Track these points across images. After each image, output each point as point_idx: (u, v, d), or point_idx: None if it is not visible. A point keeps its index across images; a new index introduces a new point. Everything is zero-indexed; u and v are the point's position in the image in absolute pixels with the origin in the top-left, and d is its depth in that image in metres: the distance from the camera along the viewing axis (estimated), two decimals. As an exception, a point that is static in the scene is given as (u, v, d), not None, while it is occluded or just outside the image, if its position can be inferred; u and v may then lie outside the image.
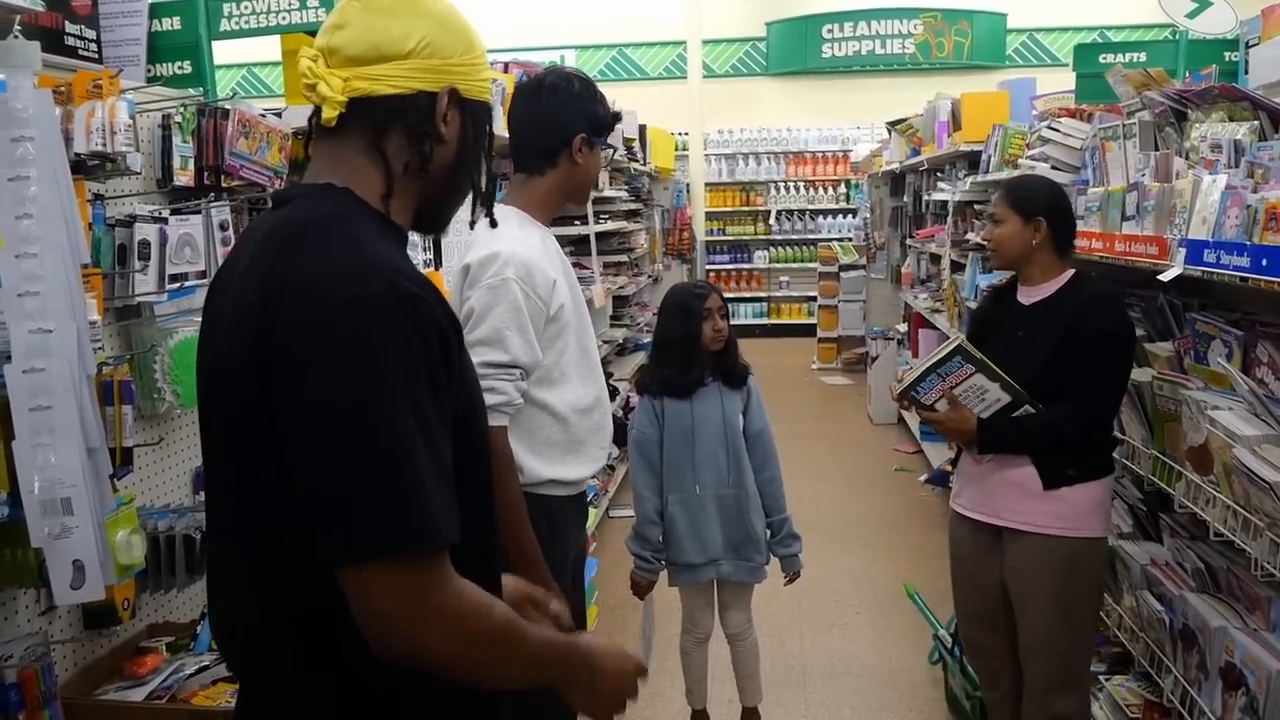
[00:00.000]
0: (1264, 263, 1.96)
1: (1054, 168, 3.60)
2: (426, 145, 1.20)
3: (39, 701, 1.76)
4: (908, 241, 7.48)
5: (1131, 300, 3.06)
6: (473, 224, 1.44)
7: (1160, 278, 2.43)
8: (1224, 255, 2.15)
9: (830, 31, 11.65)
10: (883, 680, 3.68)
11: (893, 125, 7.32)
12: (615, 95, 9.56)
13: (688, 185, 10.67)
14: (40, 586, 1.71)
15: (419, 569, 1.05)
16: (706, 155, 12.09)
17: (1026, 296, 2.68)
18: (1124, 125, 2.98)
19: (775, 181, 12.27)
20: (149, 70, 2.45)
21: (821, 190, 12.24)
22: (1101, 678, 3.03)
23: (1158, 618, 2.67)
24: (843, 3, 11.64)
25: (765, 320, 12.41)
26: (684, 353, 2.99)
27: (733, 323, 3.13)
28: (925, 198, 6.60)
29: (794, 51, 11.92)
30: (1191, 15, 3.26)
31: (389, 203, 1.20)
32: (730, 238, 12.46)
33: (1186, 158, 2.63)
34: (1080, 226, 3.11)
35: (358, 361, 1.03)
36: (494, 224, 1.49)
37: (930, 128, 5.96)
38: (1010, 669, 2.78)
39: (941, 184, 5.69)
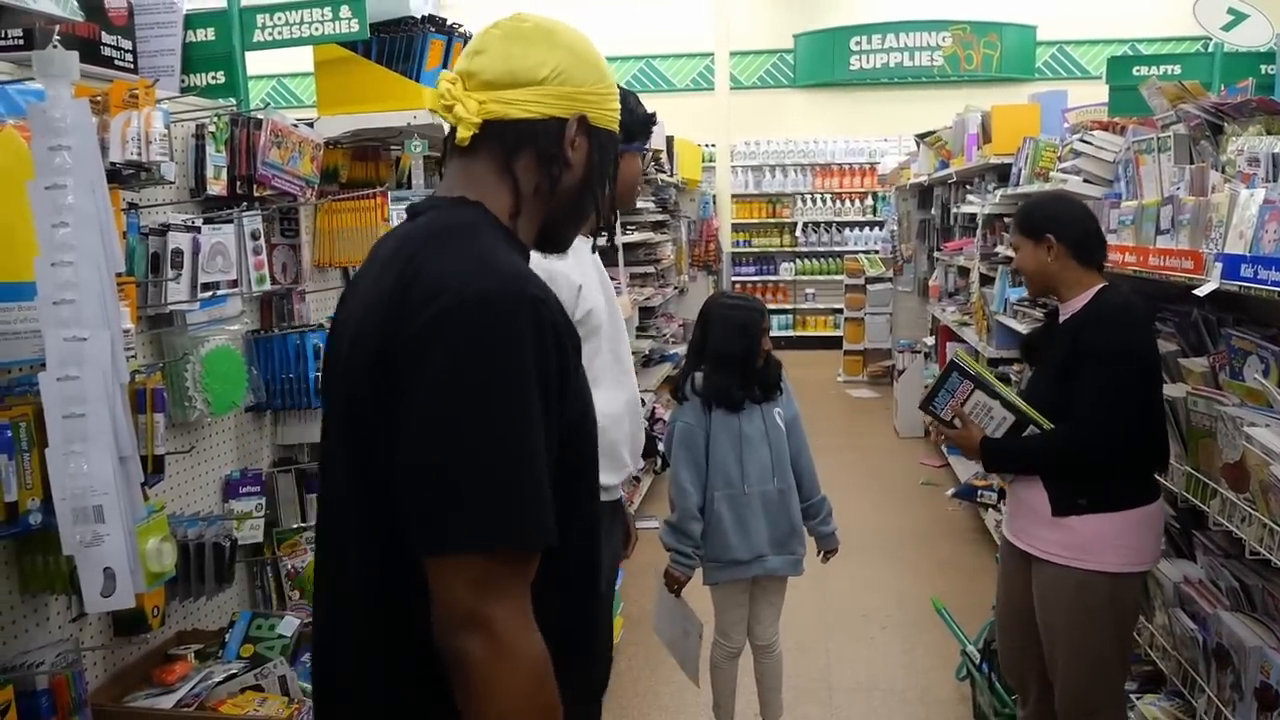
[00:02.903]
0: (1302, 277, 1.93)
1: (1086, 180, 3.56)
2: (555, 169, 1.25)
3: (70, 708, 1.78)
4: (935, 254, 7.43)
5: (1165, 315, 3.02)
6: (594, 248, 1.47)
7: (1196, 292, 2.39)
8: (1261, 270, 2.11)
9: (859, 43, 11.63)
10: (910, 696, 3.64)
11: (921, 138, 7.29)
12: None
13: (714, 196, 10.66)
14: (71, 594, 1.73)
15: (500, 570, 1.04)
16: (733, 167, 12.09)
17: (1063, 314, 2.62)
18: (1158, 138, 2.94)
19: (802, 193, 12.24)
20: (183, 80, 2.47)
21: (848, 202, 12.20)
22: (1133, 696, 2.98)
23: (1190, 636, 2.62)
24: (871, 15, 11.62)
25: (791, 332, 12.36)
26: (742, 370, 3.01)
27: None
28: (954, 210, 6.55)
29: (822, 63, 11.90)
30: (1227, 28, 3.22)
31: (516, 221, 1.25)
32: (757, 249, 12.44)
33: (1223, 171, 2.59)
34: (1113, 240, 3.08)
35: (473, 353, 1.06)
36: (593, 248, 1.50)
37: (959, 140, 5.93)
38: (1037, 688, 2.72)
39: (971, 196, 5.65)
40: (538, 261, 1.98)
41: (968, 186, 6.08)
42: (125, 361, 1.46)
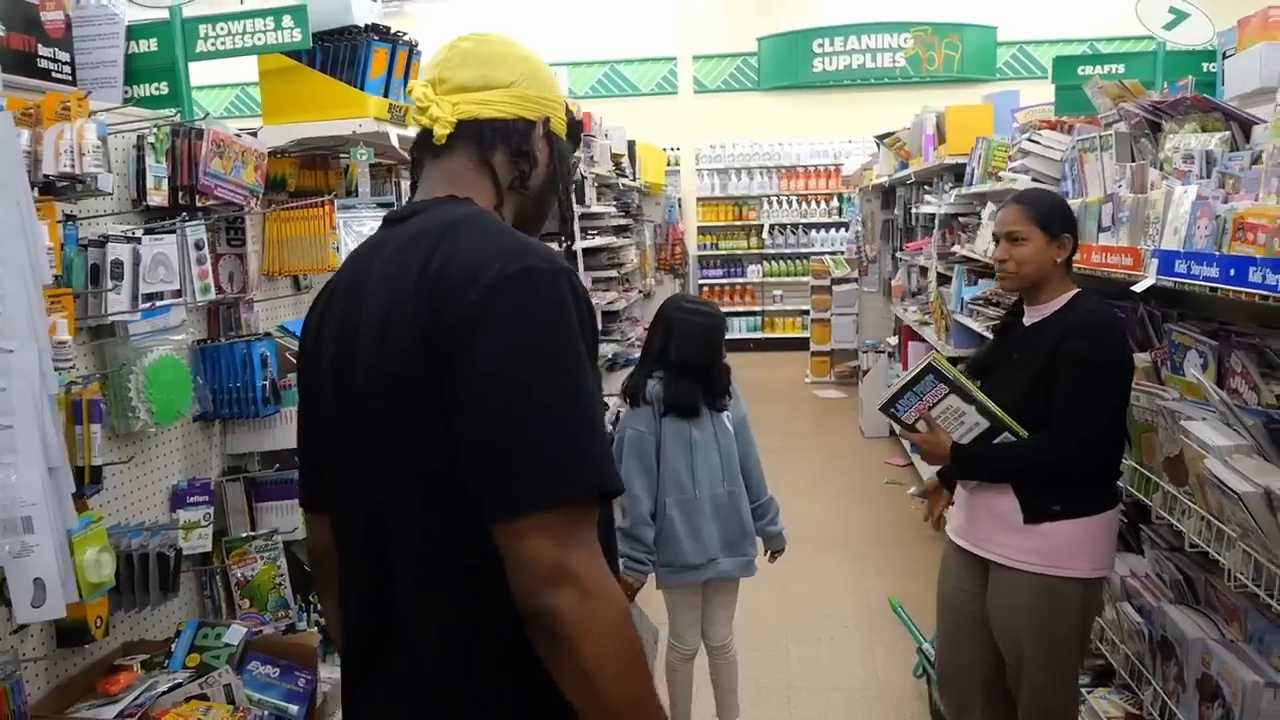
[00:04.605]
0: (1232, 273, 1.97)
1: (1034, 180, 3.61)
2: (526, 165, 1.34)
3: (9, 719, 1.76)
4: (898, 255, 7.50)
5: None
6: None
7: (1133, 289, 2.43)
8: (1194, 266, 2.16)
9: (821, 46, 11.71)
10: (870, 694, 3.67)
11: (880, 139, 7.35)
12: (607, 111, 9.57)
13: (679, 200, 10.69)
14: (2, 604, 1.71)
15: (574, 521, 1.08)
16: (699, 170, 12.13)
17: (1031, 316, 2.56)
18: (1100, 137, 2.99)
19: (768, 196, 12.31)
20: (126, 92, 2.45)
21: (814, 204, 12.28)
22: (1084, 691, 3.02)
23: (1137, 630, 2.67)
24: (833, 17, 11.70)
25: (760, 334, 12.43)
26: (705, 380, 3.03)
27: (728, 336, 3.18)
28: (913, 211, 6.62)
29: (785, 66, 11.97)
30: (1169, 27, 3.28)
31: (500, 213, 1.32)
32: (724, 252, 12.49)
33: (1161, 169, 2.64)
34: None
35: (526, 321, 1.11)
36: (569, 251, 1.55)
37: (917, 141, 5.99)
38: (982, 701, 2.68)
39: (928, 197, 5.71)
40: None
41: (926, 187, 6.14)
42: (54, 373, 1.46)
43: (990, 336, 2.92)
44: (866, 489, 6.37)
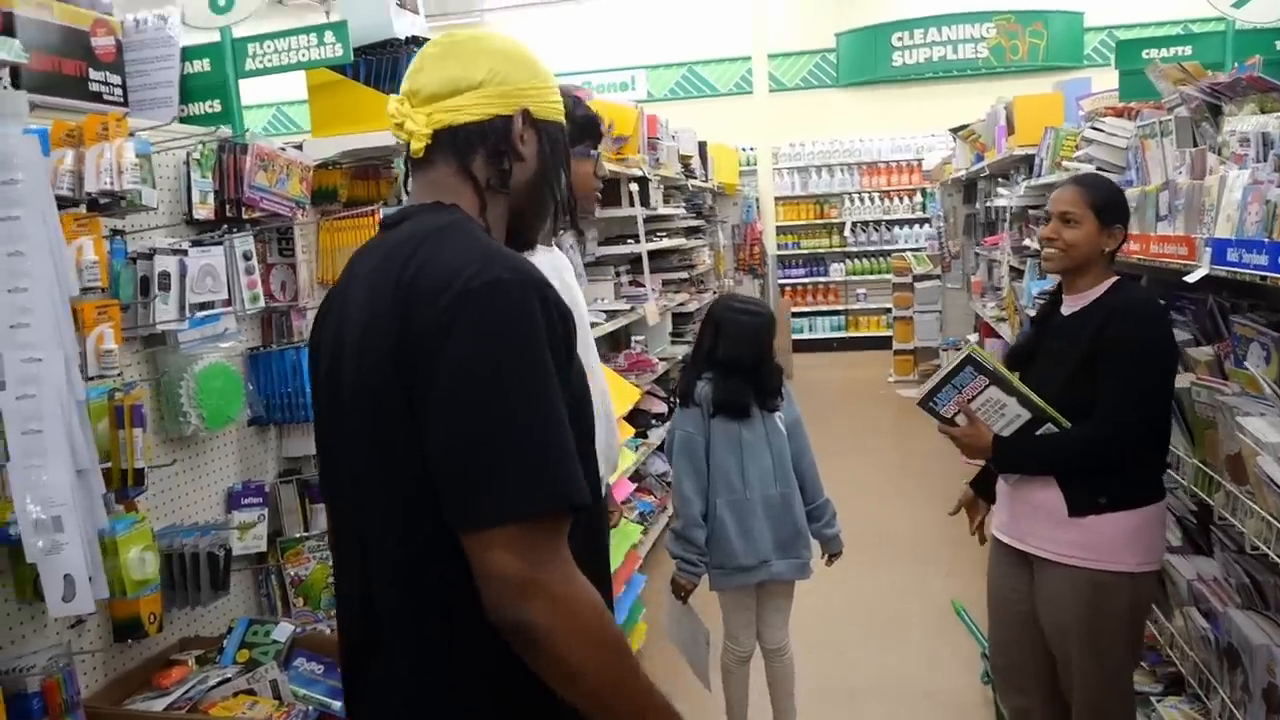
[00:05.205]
0: (1280, 260, 1.88)
1: (1099, 169, 3.49)
2: (506, 163, 1.32)
3: (60, 709, 1.86)
4: (977, 250, 7.32)
5: (1182, 303, 2.95)
6: (555, 235, 1.51)
7: (1186, 279, 2.33)
8: (1245, 254, 2.06)
9: (900, 39, 11.49)
10: (935, 700, 3.59)
11: (955, 131, 7.18)
12: (685, 112, 9.66)
13: (757, 200, 10.63)
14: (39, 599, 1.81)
15: (542, 534, 1.09)
16: (779, 169, 12.03)
17: (1069, 306, 2.50)
18: (1160, 122, 2.87)
19: (849, 193, 12.13)
20: (182, 110, 2.57)
21: (897, 200, 12.06)
22: (1153, 699, 2.90)
23: (1203, 636, 2.55)
24: (912, 10, 11.47)
25: (843, 334, 12.26)
26: (755, 379, 3.02)
27: (811, 336, 3.17)
28: (988, 204, 6.45)
29: (864, 61, 11.79)
30: (1238, 4, 3.12)
31: (485, 216, 1.32)
32: (805, 251, 12.36)
33: (1219, 154, 2.52)
34: (1120, 228, 3.02)
35: (493, 332, 1.11)
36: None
37: (991, 133, 5.83)
38: (1038, 703, 2.61)
39: (1000, 190, 5.56)
40: None
41: (1001, 180, 5.98)
42: (81, 380, 1.54)
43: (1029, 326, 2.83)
44: (942, 489, 6.20)
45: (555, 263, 2.30)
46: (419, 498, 1.16)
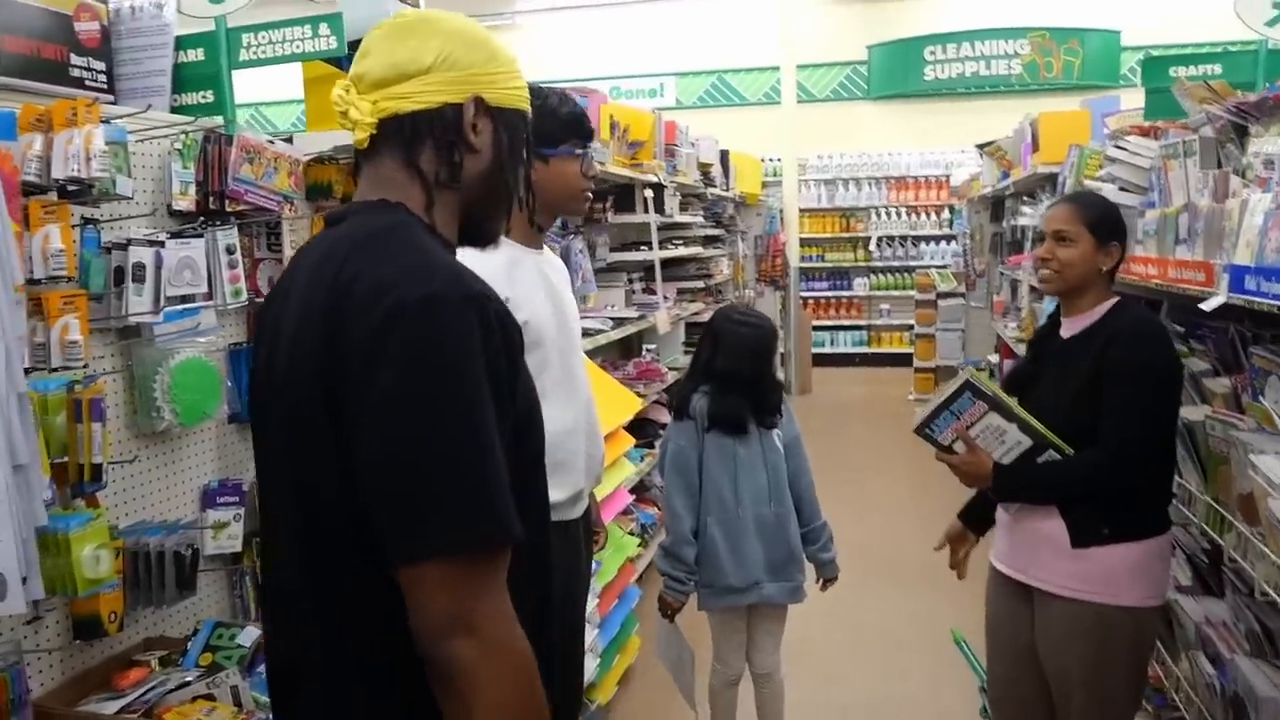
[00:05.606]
0: (1299, 291, 1.77)
1: (1122, 189, 3.37)
2: (456, 155, 1.22)
3: (8, 708, 1.80)
4: (1000, 269, 7.18)
5: (1202, 331, 2.83)
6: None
7: (1202, 306, 2.22)
8: (1264, 282, 1.95)
9: (933, 53, 11.36)
10: (930, 731, 3.48)
11: (982, 148, 7.06)
12: (713, 121, 9.63)
13: (781, 211, 10.53)
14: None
15: (474, 569, 1.04)
16: (805, 180, 11.92)
17: (1069, 329, 2.43)
18: (1184, 142, 2.76)
19: (876, 207, 12.01)
20: (174, 100, 2.52)
21: (924, 216, 11.92)
22: (1156, 745, 2.78)
23: (1209, 683, 2.43)
24: (946, 24, 11.34)
25: (865, 349, 12.12)
26: (753, 394, 2.93)
27: (832, 350, 3.10)
28: (1012, 223, 6.32)
29: (896, 74, 11.67)
30: (1271, 23, 3.01)
31: (432, 214, 1.22)
32: (829, 264, 12.25)
33: (1243, 176, 2.41)
34: (1138, 251, 2.91)
35: (425, 357, 1.04)
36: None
37: (1017, 150, 5.72)
38: None
39: (1024, 208, 5.44)
40: None
41: (1026, 198, 5.85)
42: (22, 372, 1.48)
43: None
44: (953, 513, 6.08)
45: (543, 266, 2.23)
46: (331, 519, 1.10)
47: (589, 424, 2.23)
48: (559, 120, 2.10)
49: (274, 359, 1.21)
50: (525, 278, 2.08)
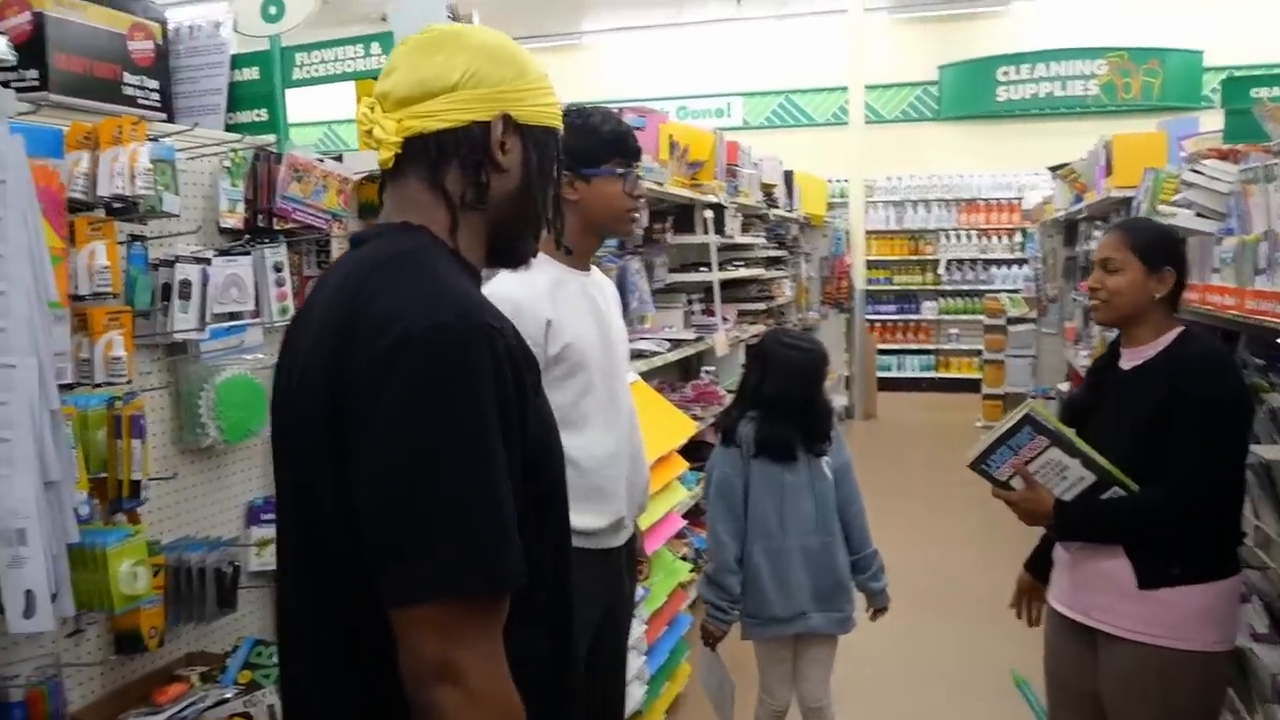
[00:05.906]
0: (1387, 326, 1.65)
1: (1199, 214, 3.22)
2: (483, 175, 1.19)
3: (45, 721, 1.82)
4: (1075, 294, 6.96)
5: (1285, 365, 2.68)
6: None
7: (1280, 340, 2.10)
8: (1347, 316, 1.83)
9: (1006, 74, 11.15)
10: (987, 776, 3.34)
11: (1054, 170, 6.87)
12: (780, 141, 9.58)
13: (847, 233, 10.40)
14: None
15: (468, 615, 1.00)
16: (873, 202, 11.77)
17: (1129, 360, 2.34)
18: (1266, 167, 2.62)
19: (945, 229, 11.80)
20: (230, 118, 2.56)
21: (995, 239, 11.68)
22: (1230, 803, 2.62)
23: (1287, 739, 2.28)
24: (1020, 44, 11.12)
25: (933, 374, 11.88)
26: (801, 420, 2.86)
27: (899, 375, 3.03)
28: (1085, 248, 6.13)
29: (967, 95, 11.48)
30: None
31: (455, 237, 1.19)
32: (897, 287, 12.06)
33: (1329, 203, 2.27)
34: (1213, 280, 2.77)
35: (428, 390, 1.01)
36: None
37: (1092, 173, 5.54)
38: None
39: (1096, 233, 5.26)
40: (500, 294, 1.94)
41: (1100, 222, 5.67)
42: (55, 389, 1.49)
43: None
44: (1019, 545, 5.87)
45: (588, 288, 2.19)
46: (331, 548, 1.08)
47: (632, 449, 2.18)
48: (600, 139, 2.07)
49: (290, 380, 1.19)
50: (569, 299, 2.05)
